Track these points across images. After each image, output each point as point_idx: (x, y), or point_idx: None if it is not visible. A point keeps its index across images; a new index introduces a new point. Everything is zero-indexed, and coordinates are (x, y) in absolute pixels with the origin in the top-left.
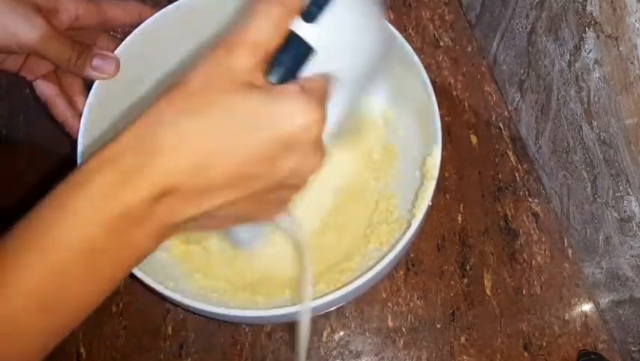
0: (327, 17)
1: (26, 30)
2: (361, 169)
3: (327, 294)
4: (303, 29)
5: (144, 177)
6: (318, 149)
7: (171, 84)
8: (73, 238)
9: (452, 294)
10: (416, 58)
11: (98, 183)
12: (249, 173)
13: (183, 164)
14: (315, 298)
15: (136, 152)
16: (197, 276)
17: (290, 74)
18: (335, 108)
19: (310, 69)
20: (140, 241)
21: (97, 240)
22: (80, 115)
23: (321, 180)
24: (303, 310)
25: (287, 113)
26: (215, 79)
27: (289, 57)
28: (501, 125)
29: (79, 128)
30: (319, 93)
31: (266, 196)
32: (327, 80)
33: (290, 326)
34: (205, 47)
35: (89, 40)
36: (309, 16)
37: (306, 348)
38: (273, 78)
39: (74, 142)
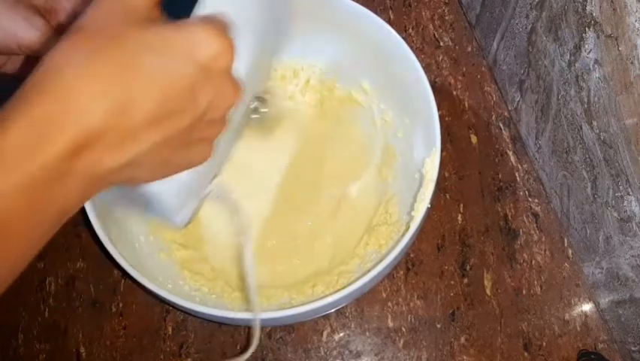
0: None
1: (26, 30)
2: (361, 171)
3: (326, 296)
4: None
5: (57, 129)
6: (232, 79)
7: (69, 28)
8: None
9: (452, 294)
10: (416, 58)
11: (9, 142)
12: (172, 108)
13: (100, 108)
14: (314, 300)
15: (44, 101)
16: (196, 277)
17: (184, 13)
18: (239, 51)
19: (202, 11)
20: (61, 198)
21: (12, 204)
22: None
23: (322, 181)
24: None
25: (197, 41)
26: (116, 16)
27: None
28: (501, 125)
29: None
30: (222, 25)
31: (191, 134)
32: (224, 18)
33: (290, 327)
34: None
35: None
36: None
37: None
38: (170, 16)
39: None
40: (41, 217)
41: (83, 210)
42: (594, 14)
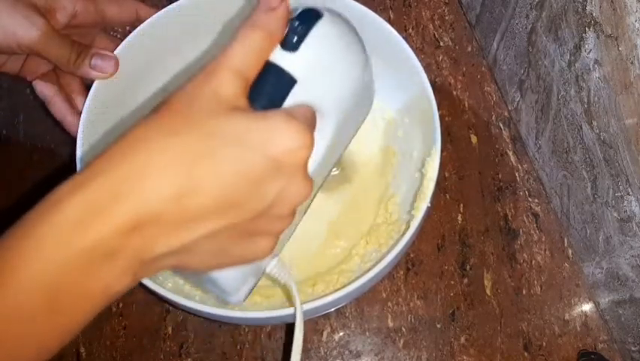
0: (307, 47)
1: (26, 29)
2: (361, 170)
3: (326, 295)
4: (284, 59)
5: (117, 205)
6: (305, 175)
7: (154, 107)
8: (35, 274)
9: (452, 294)
10: (416, 58)
11: (65, 212)
12: (235, 199)
13: (164, 190)
14: (314, 299)
15: (110, 177)
16: None
17: (272, 104)
18: (320, 140)
19: (292, 100)
20: (109, 277)
21: (60, 278)
22: (79, 113)
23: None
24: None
25: (275, 134)
26: (201, 101)
27: (271, 87)
28: (501, 125)
29: (78, 125)
30: (306, 119)
31: (251, 226)
32: (311, 110)
33: (289, 327)
34: (192, 70)
35: (87, 40)
36: (290, 45)
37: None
38: (257, 106)
39: (74, 141)
40: (86, 293)
41: None
42: (594, 14)
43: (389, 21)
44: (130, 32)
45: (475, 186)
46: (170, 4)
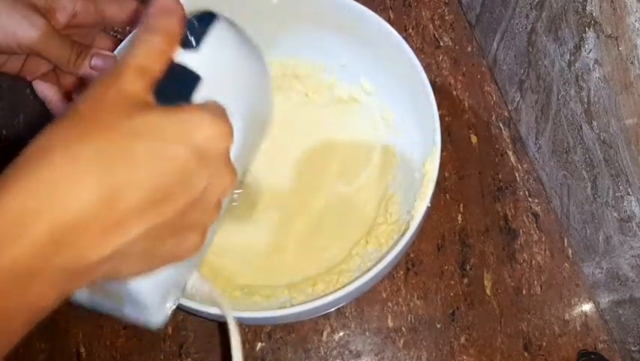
0: (208, 45)
1: (26, 29)
2: (361, 170)
3: (326, 295)
4: (186, 58)
5: (31, 222)
6: (229, 164)
7: (57, 116)
8: None
9: (452, 294)
10: (416, 58)
11: None
12: (163, 194)
13: (80, 199)
14: (314, 299)
15: (15, 196)
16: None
17: (180, 101)
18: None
19: (198, 98)
20: (33, 298)
21: None
22: None
23: (321, 180)
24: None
25: (193, 124)
26: (107, 102)
27: (176, 84)
28: (501, 125)
29: None
30: (219, 110)
31: (182, 221)
32: (220, 105)
33: (290, 327)
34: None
35: (87, 41)
36: (190, 44)
37: None
38: (165, 103)
39: None
40: (10, 316)
41: None
42: (594, 14)
43: (389, 21)
44: (130, 32)
45: (475, 186)
46: None
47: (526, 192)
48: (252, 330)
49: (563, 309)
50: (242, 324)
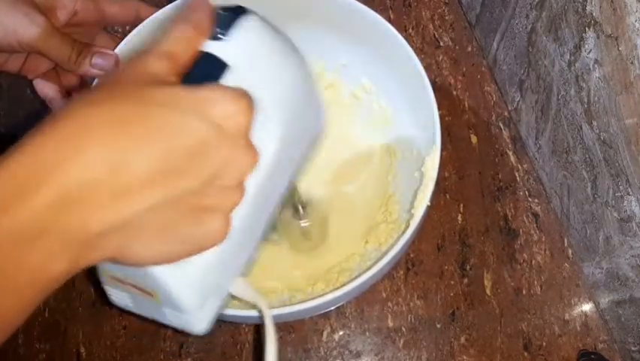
0: (235, 36)
1: (26, 27)
2: (361, 169)
3: (326, 293)
4: (214, 47)
5: (41, 182)
6: (249, 142)
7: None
8: None
9: (452, 294)
10: (416, 58)
11: None
12: (175, 166)
13: (89, 161)
14: (314, 298)
15: (32, 154)
16: None
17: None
18: (267, 141)
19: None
20: (40, 259)
21: None
22: None
23: (322, 180)
24: None
25: (212, 99)
26: (130, 75)
27: (203, 70)
28: (501, 125)
29: None
30: (241, 90)
31: (197, 201)
32: (247, 91)
33: (290, 327)
34: None
35: (88, 39)
36: (217, 34)
37: None
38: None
39: None
40: (20, 281)
41: None
42: (594, 14)
43: (389, 21)
44: (130, 31)
45: (475, 186)
46: (170, 3)
47: (526, 192)
48: (252, 330)
49: (563, 309)
50: (242, 324)
